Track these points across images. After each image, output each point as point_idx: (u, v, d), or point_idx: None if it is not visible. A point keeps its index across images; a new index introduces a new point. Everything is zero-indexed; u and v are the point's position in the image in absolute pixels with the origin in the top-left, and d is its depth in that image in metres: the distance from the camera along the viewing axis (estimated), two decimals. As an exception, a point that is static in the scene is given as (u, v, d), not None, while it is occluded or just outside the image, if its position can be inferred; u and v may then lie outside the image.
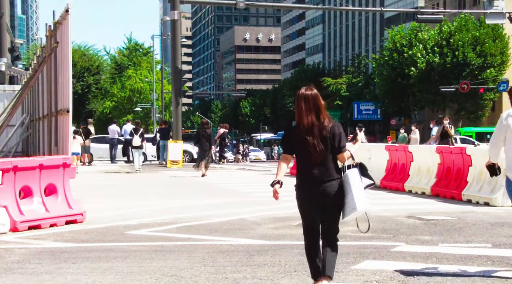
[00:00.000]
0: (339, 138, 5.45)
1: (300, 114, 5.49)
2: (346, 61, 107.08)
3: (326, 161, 5.45)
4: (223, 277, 6.37)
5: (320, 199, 5.45)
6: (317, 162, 5.43)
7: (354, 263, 6.96)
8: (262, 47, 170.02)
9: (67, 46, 14.56)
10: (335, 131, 5.44)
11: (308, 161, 5.47)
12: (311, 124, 5.44)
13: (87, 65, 68.67)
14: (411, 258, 7.21)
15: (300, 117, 5.48)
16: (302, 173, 5.53)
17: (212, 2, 58.95)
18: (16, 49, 31.62)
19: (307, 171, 5.47)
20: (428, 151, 15.17)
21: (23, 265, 7.12)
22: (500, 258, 7.16)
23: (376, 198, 14.07)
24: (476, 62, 54.90)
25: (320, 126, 5.43)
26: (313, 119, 5.45)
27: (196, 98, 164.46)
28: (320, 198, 5.45)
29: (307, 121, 5.44)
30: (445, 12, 46.01)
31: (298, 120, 5.50)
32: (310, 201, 5.49)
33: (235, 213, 11.37)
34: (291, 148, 5.56)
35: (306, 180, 5.48)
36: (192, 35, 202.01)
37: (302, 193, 5.51)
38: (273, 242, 8.36)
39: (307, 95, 5.49)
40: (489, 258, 7.15)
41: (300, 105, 5.48)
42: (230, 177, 21.85)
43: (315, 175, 5.43)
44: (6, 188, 9.36)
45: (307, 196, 5.49)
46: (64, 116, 15.11)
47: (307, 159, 5.48)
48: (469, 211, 11.54)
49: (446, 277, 6.27)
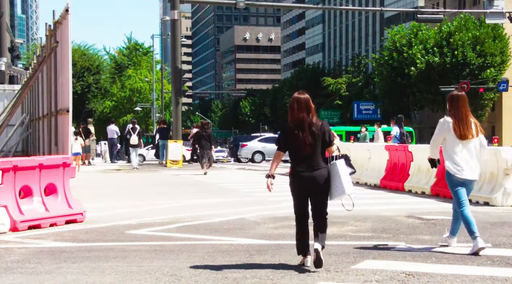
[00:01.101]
0: (329, 134, 6.58)
1: (292, 113, 6.59)
2: (346, 61, 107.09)
3: (315, 153, 6.54)
4: (223, 277, 6.37)
5: (311, 184, 6.52)
6: (308, 153, 6.50)
7: (354, 262, 6.96)
8: (262, 47, 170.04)
9: (67, 46, 14.54)
10: (325, 128, 6.57)
11: (300, 153, 6.54)
12: (302, 119, 6.53)
13: (87, 65, 68.68)
14: (411, 258, 7.21)
15: (292, 116, 6.58)
16: (295, 163, 6.59)
17: (212, 2, 58.90)
18: (16, 49, 31.63)
19: (299, 161, 6.55)
20: (428, 151, 15.16)
21: (23, 264, 7.12)
22: (500, 258, 7.16)
23: (376, 198, 14.08)
24: (476, 62, 54.88)
25: (310, 123, 6.53)
26: (304, 116, 6.54)
27: (196, 97, 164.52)
28: (311, 183, 6.51)
29: (299, 117, 6.53)
30: (445, 11, 45.97)
31: (290, 119, 6.59)
32: (302, 186, 6.55)
33: (235, 213, 11.37)
34: (284, 145, 6.64)
35: (299, 168, 6.53)
36: (192, 34, 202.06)
37: (295, 180, 6.58)
38: (273, 242, 8.36)
39: (300, 98, 6.62)
40: (489, 258, 7.16)
41: (293, 106, 6.59)
42: (230, 177, 21.85)
43: (306, 164, 6.50)
44: (6, 187, 9.36)
45: (299, 182, 6.55)
46: (64, 116, 15.10)
47: (299, 152, 6.55)
48: (469, 211, 11.52)
49: (446, 277, 6.27)
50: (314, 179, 6.49)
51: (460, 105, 7.73)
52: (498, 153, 12.52)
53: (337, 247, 7.89)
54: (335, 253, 7.51)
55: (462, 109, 7.73)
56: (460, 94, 7.83)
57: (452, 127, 7.70)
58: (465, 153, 7.72)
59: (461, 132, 7.68)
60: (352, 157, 16.20)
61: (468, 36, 55.54)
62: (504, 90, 51.65)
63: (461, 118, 7.71)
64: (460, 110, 7.72)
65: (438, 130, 7.89)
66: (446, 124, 7.77)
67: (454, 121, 7.72)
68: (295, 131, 6.52)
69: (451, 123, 7.72)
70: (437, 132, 7.91)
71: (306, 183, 6.50)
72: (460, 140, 7.69)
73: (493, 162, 12.53)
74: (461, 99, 7.75)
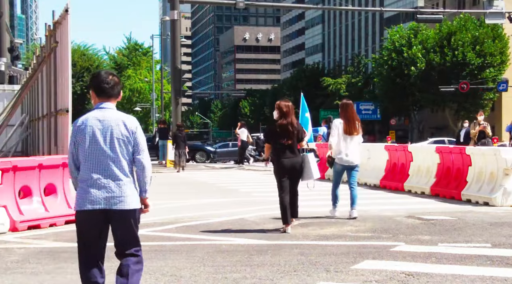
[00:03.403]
0: (302, 133, 9.44)
1: (280, 115, 9.31)
2: (346, 61, 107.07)
3: (293, 145, 9.28)
4: (222, 277, 6.37)
5: (290, 167, 9.24)
6: (288, 144, 9.22)
7: (354, 263, 6.96)
8: (261, 47, 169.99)
9: (67, 46, 14.55)
10: (299, 128, 9.41)
11: (282, 145, 9.24)
12: (285, 122, 9.25)
13: (87, 65, 68.62)
14: (410, 258, 7.21)
15: (279, 118, 9.31)
16: (278, 152, 9.29)
17: (211, 2, 58.91)
18: (15, 49, 31.63)
19: (281, 151, 9.26)
20: (428, 151, 15.18)
21: (23, 264, 7.12)
22: (499, 258, 7.16)
23: (375, 198, 14.08)
24: (476, 62, 54.87)
25: (291, 124, 9.26)
26: (288, 119, 9.26)
27: (196, 98, 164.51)
28: (290, 166, 9.24)
29: (284, 120, 9.26)
30: (445, 12, 45.92)
31: (277, 119, 9.31)
32: (284, 168, 9.22)
33: (234, 213, 11.37)
34: (271, 139, 9.43)
35: (281, 156, 9.24)
36: (191, 35, 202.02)
37: (279, 164, 9.28)
38: (273, 242, 8.36)
39: (284, 105, 9.35)
40: (488, 258, 7.15)
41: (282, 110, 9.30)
42: (230, 177, 21.85)
43: (287, 153, 9.25)
44: (5, 188, 9.36)
45: (282, 165, 9.23)
46: (63, 116, 15.12)
47: (281, 144, 9.24)
48: (468, 211, 11.54)
49: (446, 277, 6.27)
50: (293, 163, 9.24)
51: (349, 110, 10.63)
52: (498, 153, 12.52)
53: (336, 247, 7.90)
54: (334, 253, 7.52)
55: (351, 113, 10.60)
56: (349, 102, 10.80)
57: (343, 126, 10.50)
58: (350, 145, 10.51)
59: (349, 130, 10.49)
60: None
61: (468, 36, 55.52)
62: (504, 90, 51.66)
63: (350, 120, 10.55)
64: (349, 114, 10.59)
65: (334, 131, 10.55)
66: (339, 124, 10.57)
67: (344, 122, 10.53)
68: (280, 128, 9.23)
69: (342, 123, 10.54)
70: (333, 133, 10.54)
71: (287, 166, 9.20)
72: (348, 135, 10.50)
73: (493, 162, 12.53)
74: (350, 106, 10.71)
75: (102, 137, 4.59)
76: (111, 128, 4.60)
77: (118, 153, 4.60)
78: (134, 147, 4.67)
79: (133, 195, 4.65)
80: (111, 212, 4.58)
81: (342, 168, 10.61)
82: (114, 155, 4.59)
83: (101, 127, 4.60)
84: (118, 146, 4.61)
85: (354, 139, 10.51)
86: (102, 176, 4.56)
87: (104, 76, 4.72)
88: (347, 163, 10.50)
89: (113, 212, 4.58)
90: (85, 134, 4.61)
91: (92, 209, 4.54)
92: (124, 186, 4.60)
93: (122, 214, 4.61)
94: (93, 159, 4.59)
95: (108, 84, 4.70)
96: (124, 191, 4.59)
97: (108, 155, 4.59)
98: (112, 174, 4.58)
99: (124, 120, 4.65)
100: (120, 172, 4.60)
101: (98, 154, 4.59)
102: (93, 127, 4.60)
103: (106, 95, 4.70)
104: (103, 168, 4.58)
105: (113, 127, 4.61)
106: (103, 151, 4.59)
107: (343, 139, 10.46)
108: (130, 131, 4.64)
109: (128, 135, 4.64)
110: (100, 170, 4.57)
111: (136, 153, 4.67)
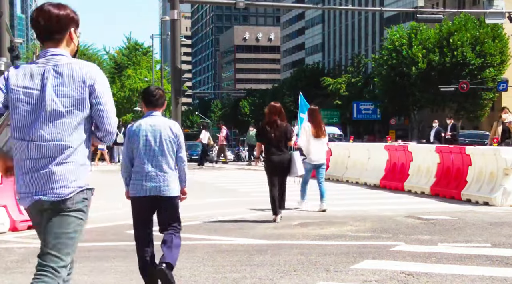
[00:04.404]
0: (290, 133, 10.35)
1: (269, 116, 10.33)
2: (346, 61, 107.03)
3: (282, 144, 10.23)
4: (222, 277, 6.37)
5: (279, 163, 10.21)
6: (277, 143, 10.18)
7: (354, 262, 6.96)
8: (261, 47, 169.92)
9: (67, 46, 14.55)
10: (288, 128, 10.33)
11: (272, 143, 10.23)
12: (274, 122, 10.24)
13: (87, 65, 68.60)
14: (410, 258, 7.21)
15: (269, 118, 10.32)
16: (268, 150, 10.29)
17: (211, 2, 58.84)
18: (15, 49, 31.60)
19: (271, 149, 10.24)
20: (428, 151, 15.19)
21: (23, 264, 7.12)
22: (499, 258, 7.16)
23: (375, 198, 14.09)
24: (476, 62, 54.86)
25: (280, 124, 10.23)
26: (277, 120, 10.27)
27: (196, 97, 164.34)
28: (279, 162, 10.21)
29: (273, 120, 10.26)
30: (445, 11, 45.87)
31: (267, 119, 10.32)
32: (274, 164, 10.21)
33: (234, 213, 11.38)
34: (263, 138, 10.40)
35: (271, 153, 10.22)
36: (191, 34, 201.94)
37: (269, 160, 10.29)
38: (272, 242, 8.36)
39: (274, 106, 10.45)
40: (488, 258, 7.15)
41: (271, 111, 10.36)
42: (229, 177, 21.85)
43: (277, 150, 10.20)
44: (5, 187, 9.36)
45: (272, 161, 10.21)
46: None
47: (271, 143, 10.25)
48: (468, 210, 11.54)
49: (446, 277, 6.27)
50: (281, 159, 10.24)
51: (316, 115, 11.90)
52: (498, 153, 12.53)
53: (336, 247, 7.90)
54: (334, 253, 7.52)
55: (318, 118, 11.90)
56: (316, 108, 12.15)
57: (311, 129, 11.73)
58: (318, 146, 11.77)
59: (317, 133, 11.71)
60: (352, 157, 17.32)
61: (468, 36, 55.51)
62: (504, 90, 51.64)
63: (317, 124, 11.81)
64: (317, 118, 11.85)
65: (302, 133, 11.83)
66: (307, 127, 11.81)
67: (312, 126, 11.77)
68: (269, 128, 10.21)
69: (310, 127, 11.76)
70: (302, 136, 11.83)
71: (276, 161, 10.22)
72: (315, 138, 11.70)
73: (493, 162, 12.53)
74: (317, 111, 12.01)
75: (153, 138, 5.68)
76: (160, 131, 5.68)
77: (165, 151, 5.68)
78: (178, 147, 5.74)
79: (176, 184, 5.73)
80: (159, 198, 5.65)
81: (311, 167, 11.83)
82: (162, 153, 5.67)
83: (152, 130, 5.69)
84: (166, 145, 5.68)
85: (321, 141, 11.83)
86: (153, 169, 5.64)
87: (152, 90, 5.83)
88: (315, 162, 11.76)
89: (160, 197, 5.65)
90: (139, 136, 5.69)
91: (144, 195, 5.65)
92: (169, 177, 5.68)
93: (168, 199, 5.68)
94: (146, 156, 5.65)
95: (154, 96, 5.80)
96: (170, 181, 5.67)
97: (158, 152, 5.66)
98: (160, 168, 5.65)
99: (171, 125, 5.75)
100: (167, 167, 5.67)
101: (150, 152, 5.66)
102: (146, 131, 5.69)
103: (152, 105, 5.82)
104: (154, 163, 5.66)
105: (162, 130, 5.69)
106: (153, 149, 5.67)
107: (312, 141, 11.71)
108: (175, 134, 5.73)
109: (174, 137, 5.72)
110: (151, 164, 5.65)
111: (179, 151, 5.76)
